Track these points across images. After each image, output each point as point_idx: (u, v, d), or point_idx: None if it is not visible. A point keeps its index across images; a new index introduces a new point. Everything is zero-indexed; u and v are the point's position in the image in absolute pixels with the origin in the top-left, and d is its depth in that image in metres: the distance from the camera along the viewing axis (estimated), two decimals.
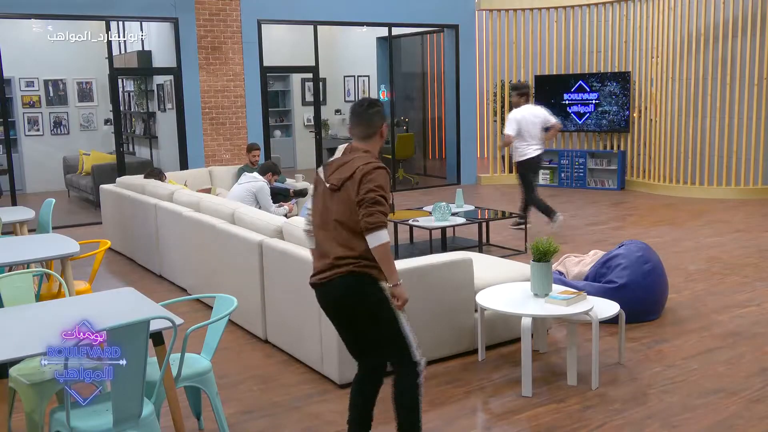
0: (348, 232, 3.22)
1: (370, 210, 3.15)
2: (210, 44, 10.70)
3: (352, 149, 3.36)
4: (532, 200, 8.55)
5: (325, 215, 3.29)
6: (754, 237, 8.26)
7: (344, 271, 3.21)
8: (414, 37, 14.41)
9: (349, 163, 3.28)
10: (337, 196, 3.25)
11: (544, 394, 4.19)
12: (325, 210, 3.30)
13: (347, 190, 3.22)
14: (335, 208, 3.25)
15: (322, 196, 3.33)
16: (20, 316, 3.46)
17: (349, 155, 3.32)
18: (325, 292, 3.31)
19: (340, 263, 3.22)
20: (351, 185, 3.21)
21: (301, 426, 3.90)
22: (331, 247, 3.25)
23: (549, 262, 4.37)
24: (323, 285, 3.29)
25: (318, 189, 3.39)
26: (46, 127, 13.40)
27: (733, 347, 4.89)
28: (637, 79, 11.97)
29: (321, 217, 3.32)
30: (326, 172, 3.34)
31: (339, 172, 3.28)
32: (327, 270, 3.26)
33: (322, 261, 3.29)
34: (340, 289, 3.25)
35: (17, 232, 6.46)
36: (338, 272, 3.22)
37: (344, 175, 3.25)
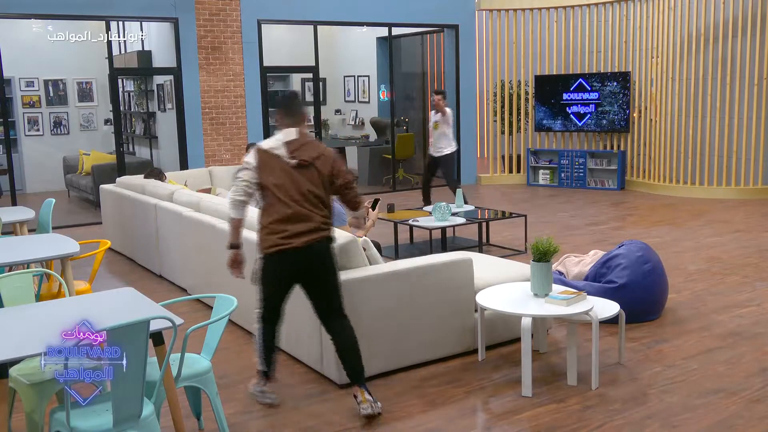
0: (320, 202, 3.88)
1: (355, 191, 4.00)
2: (210, 44, 10.70)
3: (298, 133, 3.95)
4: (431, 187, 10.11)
5: (297, 187, 3.84)
6: (754, 237, 8.26)
7: (325, 235, 3.89)
8: (414, 37, 14.40)
9: (309, 144, 3.96)
10: (307, 172, 3.87)
11: (544, 394, 4.19)
12: (295, 183, 3.84)
13: (318, 166, 3.88)
14: (308, 182, 3.86)
15: (285, 172, 3.85)
16: (20, 316, 3.46)
17: (302, 138, 3.95)
18: (308, 254, 3.84)
19: (322, 227, 3.86)
20: (322, 163, 3.90)
21: (301, 426, 3.90)
22: (312, 214, 3.84)
23: (549, 262, 4.37)
24: (307, 248, 3.81)
25: (273, 165, 3.87)
26: (46, 127, 13.40)
27: (733, 347, 4.89)
28: (637, 79, 11.97)
29: (292, 190, 3.83)
30: (287, 151, 3.87)
31: (304, 152, 3.90)
32: (311, 233, 3.81)
33: (302, 225, 3.80)
34: (322, 250, 3.88)
35: (17, 232, 6.46)
36: (322, 235, 3.86)
37: (313, 154, 3.90)
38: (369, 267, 4.50)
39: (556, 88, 12.50)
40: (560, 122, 12.54)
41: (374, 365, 4.41)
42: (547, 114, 12.62)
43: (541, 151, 12.87)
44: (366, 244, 4.61)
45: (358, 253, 4.48)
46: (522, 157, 13.14)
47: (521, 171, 13.21)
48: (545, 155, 12.83)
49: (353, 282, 4.27)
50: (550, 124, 12.63)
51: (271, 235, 3.85)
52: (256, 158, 3.89)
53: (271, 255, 3.86)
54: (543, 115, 12.66)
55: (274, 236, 3.83)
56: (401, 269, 4.51)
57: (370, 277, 4.35)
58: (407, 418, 3.95)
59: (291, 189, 3.83)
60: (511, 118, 13.06)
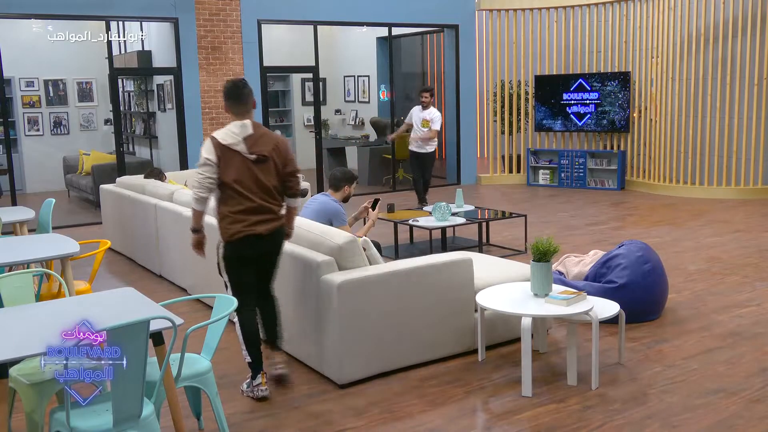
0: (275, 193, 4.20)
1: (297, 180, 4.28)
2: (210, 44, 10.70)
3: (253, 125, 4.16)
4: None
5: (256, 181, 4.10)
6: (754, 237, 8.26)
7: (280, 223, 4.25)
8: (414, 37, 14.41)
9: (264, 136, 4.18)
10: (264, 165, 4.12)
11: (544, 394, 4.19)
12: (254, 176, 4.09)
13: (273, 159, 4.15)
14: (265, 175, 4.12)
15: (245, 167, 4.08)
16: (20, 316, 3.46)
17: (257, 131, 4.16)
18: (270, 239, 4.21)
19: (277, 217, 4.22)
20: (277, 155, 4.17)
21: (301, 426, 3.90)
22: (270, 205, 4.17)
23: (549, 262, 4.37)
24: (270, 234, 4.17)
25: (233, 161, 4.07)
26: (46, 127, 13.40)
27: (733, 347, 4.89)
28: (637, 79, 11.97)
29: (252, 183, 4.09)
30: (246, 146, 4.08)
31: (260, 145, 4.13)
32: (271, 222, 4.17)
33: (262, 216, 4.13)
34: (280, 236, 4.29)
35: (17, 232, 6.46)
36: (278, 224, 4.23)
37: (268, 147, 4.15)
38: (369, 267, 4.50)
39: (556, 88, 12.50)
40: (560, 122, 12.54)
41: (374, 365, 4.41)
42: (547, 114, 12.62)
43: (541, 151, 12.87)
44: (366, 244, 4.61)
45: (358, 253, 4.48)
46: (522, 157, 13.14)
47: (521, 171, 13.21)
48: (545, 155, 12.83)
49: (353, 282, 4.27)
50: (550, 124, 12.63)
51: (234, 224, 4.12)
52: (216, 154, 4.07)
53: (237, 241, 4.14)
54: (543, 115, 12.66)
55: (237, 225, 4.11)
56: (401, 269, 4.51)
57: (370, 277, 4.35)
58: (407, 418, 3.95)
59: (250, 183, 4.09)
60: (511, 118, 13.06)
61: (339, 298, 4.22)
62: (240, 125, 4.14)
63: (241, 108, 4.17)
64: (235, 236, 4.11)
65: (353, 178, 5.95)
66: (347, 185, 5.86)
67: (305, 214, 5.64)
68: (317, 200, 5.80)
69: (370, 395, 4.23)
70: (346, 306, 4.25)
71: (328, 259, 4.39)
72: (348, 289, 4.24)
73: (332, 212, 5.64)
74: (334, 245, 4.43)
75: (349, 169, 6.28)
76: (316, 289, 4.38)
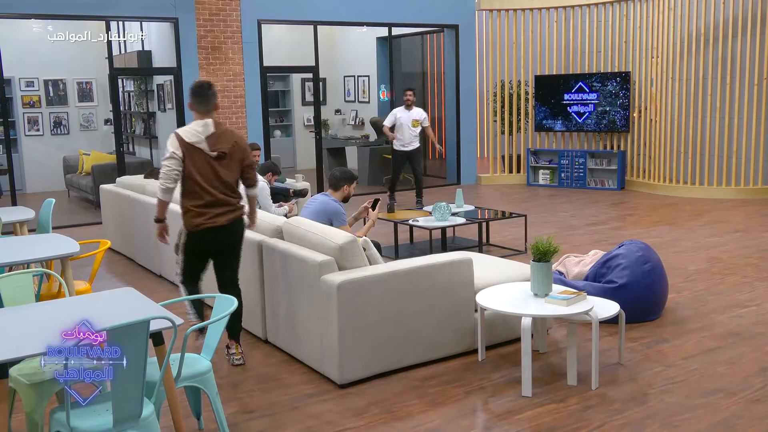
0: (234, 187, 4.55)
1: (254, 172, 4.68)
2: (210, 44, 10.70)
3: (214, 124, 4.48)
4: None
5: (217, 176, 4.44)
6: (754, 237, 8.26)
7: (240, 213, 4.60)
8: (414, 37, 14.40)
9: (224, 134, 4.50)
10: (225, 161, 4.46)
11: (544, 394, 4.19)
12: (214, 172, 4.44)
13: (234, 155, 4.50)
14: (225, 171, 4.46)
15: (207, 163, 4.41)
16: (20, 316, 3.46)
17: (218, 129, 4.48)
18: (230, 230, 4.55)
19: (238, 206, 4.56)
20: (237, 152, 4.51)
21: (301, 426, 3.90)
22: (230, 198, 4.52)
23: (549, 262, 4.37)
24: (229, 225, 4.52)
25: (196, 157, 4.40)
26: (46, 127, 13.40)
27: (733, 347, 4.89)
28: (637, 79, 11.97)
29: (213, 179, 4.43)
30: (209, 145, 4.40)
31: (220, 143, 4.45)
32: (230, 214, 4.52)
33: (223, 208, 4.48)
34: (240, 227, 4.63)
35: (17, 232, 6.46)
36: (238, 214, 4.58)
37: (229, 144, 4.48)
38: (369, 267, 4.50)
39: (556, 88, 12.50)
40: (560, 122, 12.54)
41: (374, 365, 4.42)
42: (547, 114, 12.62)
43: (541, 151, 12.87)
44: (366, 244, 4.61)
45: (358, 253, 4.48)
46: (522, 157, 13.14)
47: (521, 171, 13.21)
48: (545, 155, 12.83)
49: (353, 282, 4.27)
50: (550, 124, 12.63)
51: (197, 217, 4.47)
52: (182, 150, 4.40)
53: (198, 232, 4.51)
54: (543, 115, 12.66)
55: (200, 218, 4.47)
56: (401, 269, 4.51)
57: (370, 277, 4.35)
58: (407, 418, 3.95)
59: (212, 178, 4.44)
60: (511, 118, 13.06)
61: (339, 298, 4.22)
62: (203, 124, 4.46)
63: (204, 108, 4.50)
64: (197, 228, 4.49)
65: (353, 177, 5.95)
66: (347, 185, 5.86)
67: (305, 214, 5.64)
68: (317, 200, 5.80)
69: (370, 395, 4.23)
70: (346, 306, 4.25)
71: (328, 259, 4.39)
72: (348, 289, 4.24)
73: (332, 212, 5.64)
74: (334, 245, 4.43)
75: (349, 169, 6.28)
76: (316, 289, 4.38)
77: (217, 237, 4.53)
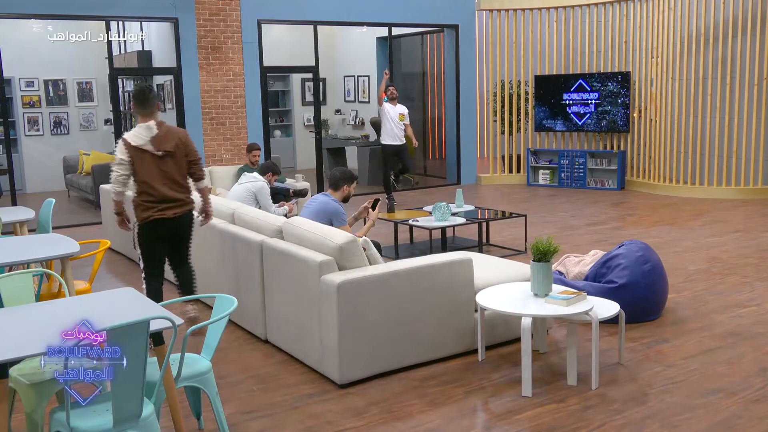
0: (181, 183, 4.97)
1: (200, 165, 5.07)
2: (210, 44, 10.70)
3: (157, 125, 4.88)
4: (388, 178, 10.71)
5: (163, 174, 4.87)
6: (754, 237, 8.26)
7: (189, 208, 5.05)
8: (414, 37, 14.40)
9: (168, 134, 4.91)
10: (170, 159, 4.88)
11: (544, 394, 4.19)
12: (161, 170, 4.87)
13: (178, 153, 4.91)
14: (171, 168, 4.89)
15: (154, 163, 4.85)
16: (20, 316, 3.46)
17: (161, 130, 4.88)
18: (179, 222, 5.02)
19: (185, 201, 5.01)
20: (181, 147, 4.92)
21: (301, 426, 3.90)
22: (176, 193, 4.95)
23: (549, 262, 4.37)
24: (178, 218, 4.98)
25: (143, 159, 4.83)
26: (46, 127, 13.39)
27: (733, 347, 4.89)
28: (637, 79, 11.97)
29: (160, 176, 4.87)
30: (153, 145, 4.83)
31: (165, 143, 4.87)
32: (178, 208, 4.97)
33: (172, 203, 4.93)
34: (187, 219, 5.09)
35: (17, 232, 6.46)
36: (186, 209, 5.03)
37: (173, 142, 4.88)
38: (369, 267, 4.50)
39: (556, 88, 12.50)
40: (560, 122, 12.54)
41: (374, 365, 4.42)
42: (547, 114, 12.62)
43: (541, 151, 12.87)
44: (366, 244, 4.61)
45: (358, 253, 4.48)
46: (522, 157, 13.14)
47: (521, 171, 13.21)
48: (545, 155, 12.83)
49: (353, 282, 4.27)
50: (550, 124, 12.63)
51: (146, 210, 4.95)
52: (129, 155, 4.84)
53: (148, 223, 4.98)
54: (543, 115, 12.66)
55: (148, 211, 4.94)
56: (401, 269, 4.51)
57: (370, 277, 4.35)
58: (407, 418, 3.95)
59: (159, 176, 4.87)
60: (511, 118, 13.06)
61: (339, 298, 4.22)
62: (146, 127, 4.87)
63: (146, 110, 4.91)
64: (146, 220, 4.98)
65: (353, 177, 5.95)
66: (347, 185, 5.86)
67: (305, 214, 5.64)
68: (317, 200, 5.80)
69: (370, 395, 4.23)
70: (346, 306, 4.25)
71: (328, 259, 4.39)
72: (348, 289, 4.24)
73: (332, 212, 5.64)
74: (334, 245, 4.43)
75: (349, 169, 6.28)
76: (316, 289, 4.38)
77: (165, 228, 5.00)
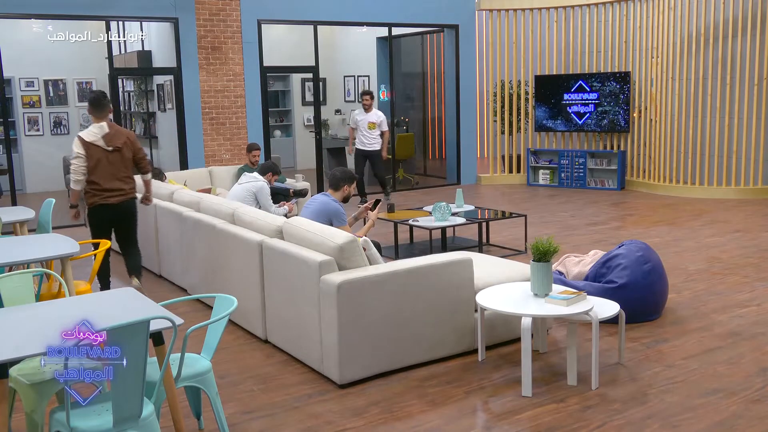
0: (125, 175, 5.92)
1: (146, 161, 6.11)
2: (210, 44, 10.70)
3: (108, 125, 5.82)
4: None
5: (111, 166, 5.82)
6: (754, 237, 8.26)
7: (131, 196, 6.03)
8: (414, 37, 14.40)
9: (117, 133, 5.86)
10: (118, 154, 5.83)
11: (544, 394, 4.19)
12: (110, 163, 5.82)
13: (125, 149, 5.87)
14: (118, 162, 5.84)
15: (104, 157, 5.79)
16: (20, 316, 3.46)
17: (111, 129, 5.82)
18: (121, 208, 5.96)
19: (128, 191, 5.98)
20: (127, 147, 5.88)
21: (301, 426, 3.90)
22: (121, 183, 5.91)
23: (549, 262, 4.37)
24: (120, 204, 5.93)
25: (96, 153, 5.75)
26: (46, 127, 13.39)
27: (733, 347, 4.89)
28: (637, 79, 11.97)
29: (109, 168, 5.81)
30: (104, 141, 5.77)
31: (114, 140, 5.81)
32: (121, 196, 5.93)
33: (116, 191, 5.88)
34: (129, 206, 6.05)
35: (17, 232, 6.46)
36: (129, 196, 6.00)
37: (122, 140, 5.86)
38: (369, 267, 4.50)
39: (556, 88, 12.50)
40: (560, 122, 12.54)
41: (374, 365, 4.41)
42: (547, 114, 12.63)
43: (541, 151, 12.87)
44: (366, 244, 4.61)
45: (358, 253, 4.48)
46: (522, 157, 13.14)
47: (521, 171, 13.21)
48: (545, 155, 12.83)
49: (353, 282, 4.27)
50: (551, 124, 12.63)
51: (94, 196, 5.85)
52: (84, 150, 5.75)
53: (95, 208, 5.90)
54: (543, 115, 12.67)
55: (96, 197, 5.85)
56: (401, 269, 4.51)
57: (370, 277, 4.35)
58: (407, 418, 3.95)
59: (108, 167, 5.82)
60: (511, 118, 13.06)
61: (339, 298, 4.22)
62: (99, 126, 5.79)
63: (100, 114, 5.82)
64: (93, 205, 5.88)
65: (353, 177, 5.95)
66: (347, 185, 5.86)
67: (305, 214, 5.64)
68: (317, 200, 5.80)
69: (370, 395, 4.23)
70: (346, 306, 4.25)
71: (328, 259, 4.39)
72: (348, 289, 4.24)
73: (332, 212, 5.64)
74: (334, 245, 4.43)
75: (349, 169, 6.28)
76: (316, 289, 4.38)
77: (109, 212, 5.91)
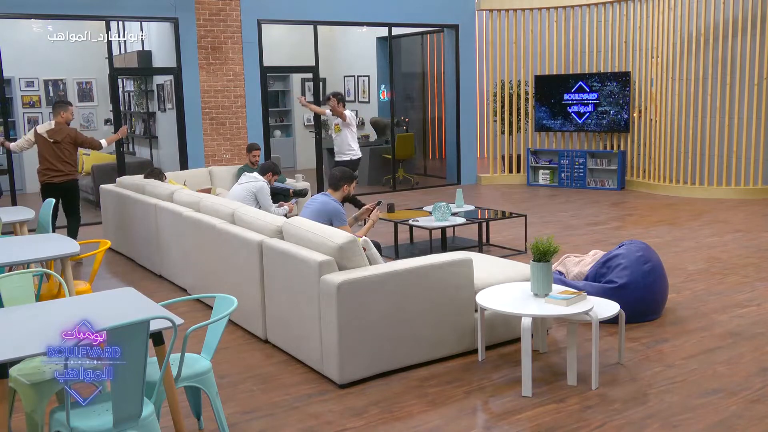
0: (66, 161, 7.59)
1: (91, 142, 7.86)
2: (210, 44, 10.70)
3: (56, 123, 7.56)
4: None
5: (54, 154, 7.53)
6: (754, 237, 8.26)
7: (71, 178, 7.69)
8: (414, 37, 14.40)
9: (60, 130, 7.54)
10: (60, 144, 7.52)
11: (544, 394, 4.19)
12: (53, 151, 7.53)
13: (65, 142, 7.54)
14: (59, 150, 7.53)
15: (48, 145, 7.53)
16: (20, 316, 3.46)
17: (57, 126, 7.54)
18: (62, 187, 7.61)
19: (68, 173, 7.65)
20: (66, 141, 7.56)
21: (301, 426, 3.90)
22: (63, 168, 7.59)
23: (549, 262, 4.37)
24: (63, 183, 7.61)
25: (43, 142, 7.53)
26: None
27: (733, 347, 4.89)
28: (637, 79, 11.97)
29: (52, 155, 7.53)
30: (48, 134, 7.51)
31: (56, 135, 7.51)
32: (62, 176, 7.60)
33: (59, 172, 7.57)
34: (71, 185, 7.74)
35: (17, 232, 6.46)
36: (69, 178, 7.67)
37: (62, 135, 7.53)
38: (369, 267, 4.50)
39: (556, 88, 12.50)
40: (560, 122, 12.54)
41: (374, 365, 4.42)
42: (547, 114, 12.62)
43: (541, 151, 12.87)
44: (366, 244, 4.61)
45: (358, 253, 4.48)
46: (522, 157, 13.14)
47: (521, 171, 13.21)
48: (545, 155, 12.83)
49: (353, 282, 4.27)
50: (550, 124, 12.63)
51: (42, 176, 7.60)
52: (34, 137, 7.61)
53: (43, 185, 7.63)
54: (543, 115, 12.66)
55: (43, 177, 7.59)
56: (401, 269, 4.51)
57: (370, 277, 4.35)
58: (407, 418, 3.95)
59: (51, 155, 7.54)
60: (511, 118, 13.06)
61: (339, 298, 4.22)
62: (49, 123, 7.62)
63: (55, 114, 7.62)
64: (42, 182, 7.63)
65: (353, 177, 5.94)
66: (347, 184, 5.86)
67: (305, 214, 5.64)
68: (317, 200, 5.80)
69: (370, 395, 4.23)
70: (346, 306, 4.25)
71: (328, 259, 4.39)
72: (348, 289, 4.24)
73: (332, 212, 5.64)
74: (334, 245, 4.43)
75: (349, 169, 6.28)
76: (316, 289, 4.38)
77: (54, 189, 7.52)
